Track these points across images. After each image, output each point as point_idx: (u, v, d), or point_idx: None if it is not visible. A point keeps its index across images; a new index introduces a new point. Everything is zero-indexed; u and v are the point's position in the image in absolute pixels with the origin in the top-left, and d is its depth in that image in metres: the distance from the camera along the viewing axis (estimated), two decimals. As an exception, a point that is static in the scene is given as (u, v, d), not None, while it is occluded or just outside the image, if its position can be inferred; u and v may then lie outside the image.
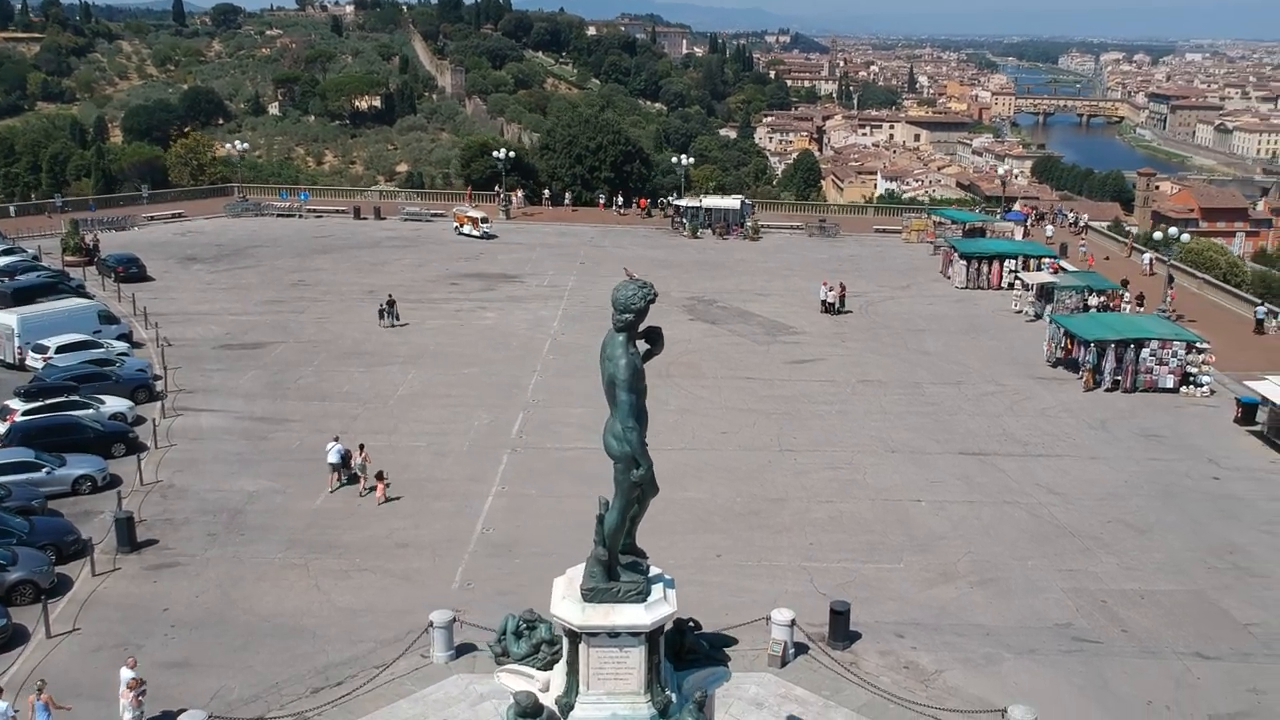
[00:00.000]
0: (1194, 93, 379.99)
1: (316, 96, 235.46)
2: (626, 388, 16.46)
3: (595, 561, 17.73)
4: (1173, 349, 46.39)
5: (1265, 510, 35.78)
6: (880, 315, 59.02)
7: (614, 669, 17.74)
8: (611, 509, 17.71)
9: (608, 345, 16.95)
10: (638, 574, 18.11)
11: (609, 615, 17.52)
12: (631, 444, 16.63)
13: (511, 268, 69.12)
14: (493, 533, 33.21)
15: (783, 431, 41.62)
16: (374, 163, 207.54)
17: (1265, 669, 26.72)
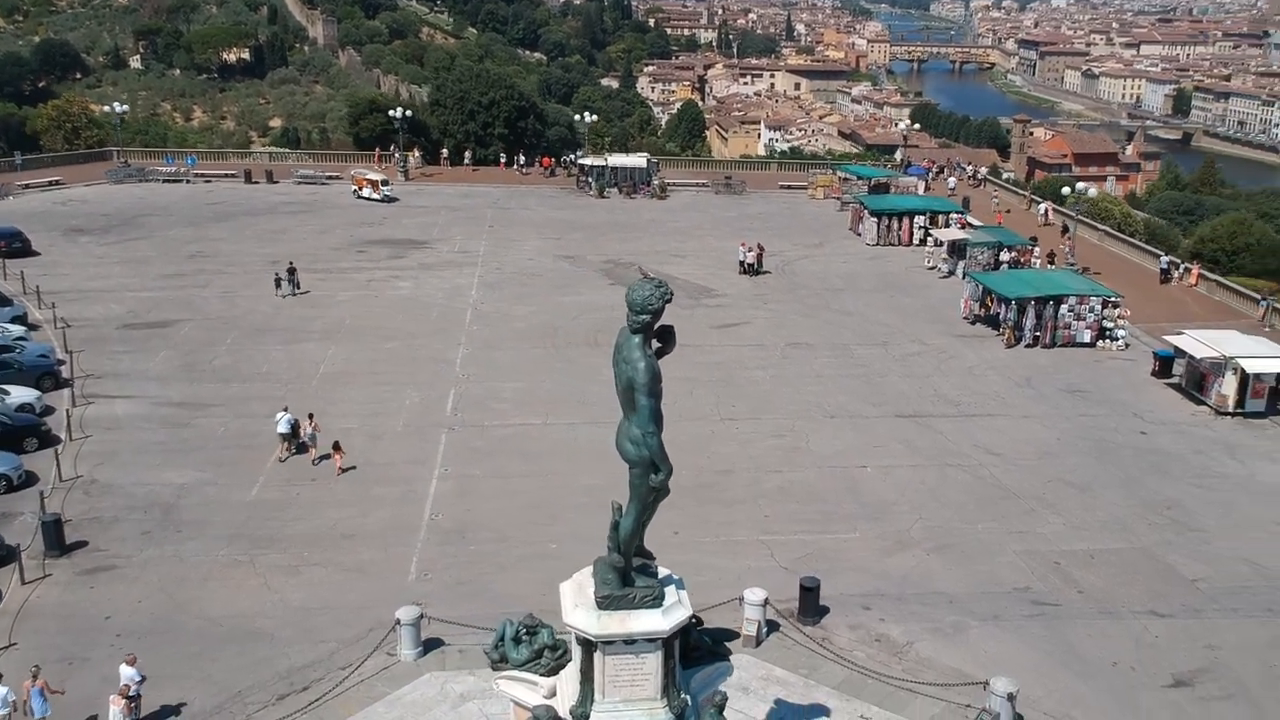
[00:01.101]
0: (1061, 39, 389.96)
1: (181, 49, 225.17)
2: (646, 392, 15.88)
3: (609, 568, 17.25)
4: (1089, 304, 47.57)
5: (1193, 463, 37.02)
6: (798, 275, 59.21)
7: (630, 676, 17.33)
8: (627, 514, 17.20)
9: (624, 348, 16.29)
10: (651, 578, 17.70)
11: (626, 623, 17.08)
12: (652, 449, 16.11)
13: (418, 233, 67.31)
14: (442, 518, 32.36)
15: (721, 400, 41.46)
16: (246, 118, 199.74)
17: (1217, 624, 27.67)
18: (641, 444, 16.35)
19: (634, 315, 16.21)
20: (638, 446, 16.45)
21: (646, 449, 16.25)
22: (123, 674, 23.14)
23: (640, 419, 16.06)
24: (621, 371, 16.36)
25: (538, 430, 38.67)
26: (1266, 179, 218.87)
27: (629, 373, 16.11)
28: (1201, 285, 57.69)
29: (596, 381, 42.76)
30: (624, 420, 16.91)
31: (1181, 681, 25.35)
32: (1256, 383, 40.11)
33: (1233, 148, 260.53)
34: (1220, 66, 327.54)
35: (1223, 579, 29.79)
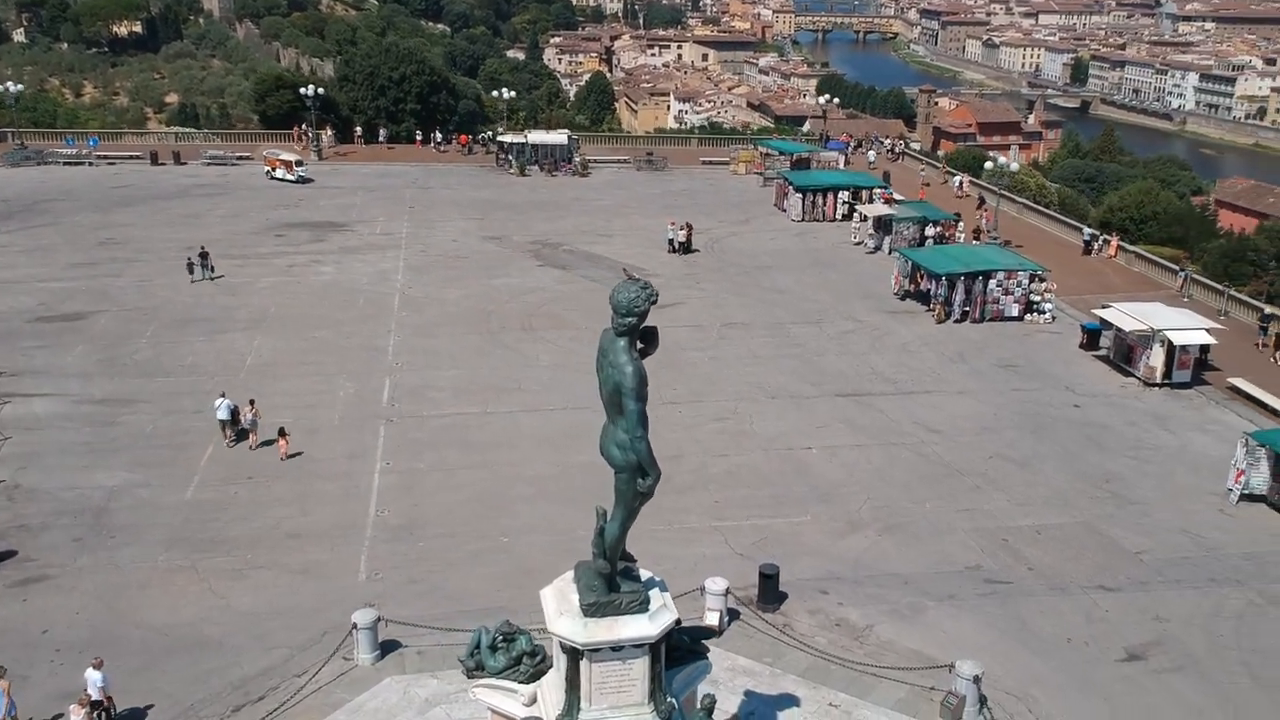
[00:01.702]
0: (962, 8, 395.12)
1: (68, 22, 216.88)
2: (634, 396, 15.53)
3: (595, 574, 16.89)
4: (1017, 279, 48.33)
5: (1126, 436, 37.85)
6: (727, 253, 59.14)
7: (617, 682, 17.04)
8: (613, 520, 16.84)
9: (609, 351, 15.89)
10: (636, 582, 17.39)
11: (613, 629, 16.76)
12: (640, 454, 15.78)
13: (337, 215, 65.70)
14: (388, 514, 31.62)
15: (662, 382, 41.02)
16: (141, 94, 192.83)
17: (1163, 596, 28.32)
18: (629, 449, 16.01)
19: (620, 318, 15.79)
20: (624, 451, 16.11)
21: (634, 453, 15.92)
22: (89, 679, 22.35)
23: (628, 423, 15.71)
24: (608, 376, 15.97)
25: (478, 420, 38.03)
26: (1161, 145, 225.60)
27: (615, 377, 15.73)
28: (1120, 257, 59.03)
29: (535, 367, 42.40)
30: (608, 424, 16.55)
31: (1134, 655, 25.90)
32: (1183, 354, 41.14)
33: (1128, 115, 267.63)
34: (1115, 36, 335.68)
35: (1164, 550, 30.52)
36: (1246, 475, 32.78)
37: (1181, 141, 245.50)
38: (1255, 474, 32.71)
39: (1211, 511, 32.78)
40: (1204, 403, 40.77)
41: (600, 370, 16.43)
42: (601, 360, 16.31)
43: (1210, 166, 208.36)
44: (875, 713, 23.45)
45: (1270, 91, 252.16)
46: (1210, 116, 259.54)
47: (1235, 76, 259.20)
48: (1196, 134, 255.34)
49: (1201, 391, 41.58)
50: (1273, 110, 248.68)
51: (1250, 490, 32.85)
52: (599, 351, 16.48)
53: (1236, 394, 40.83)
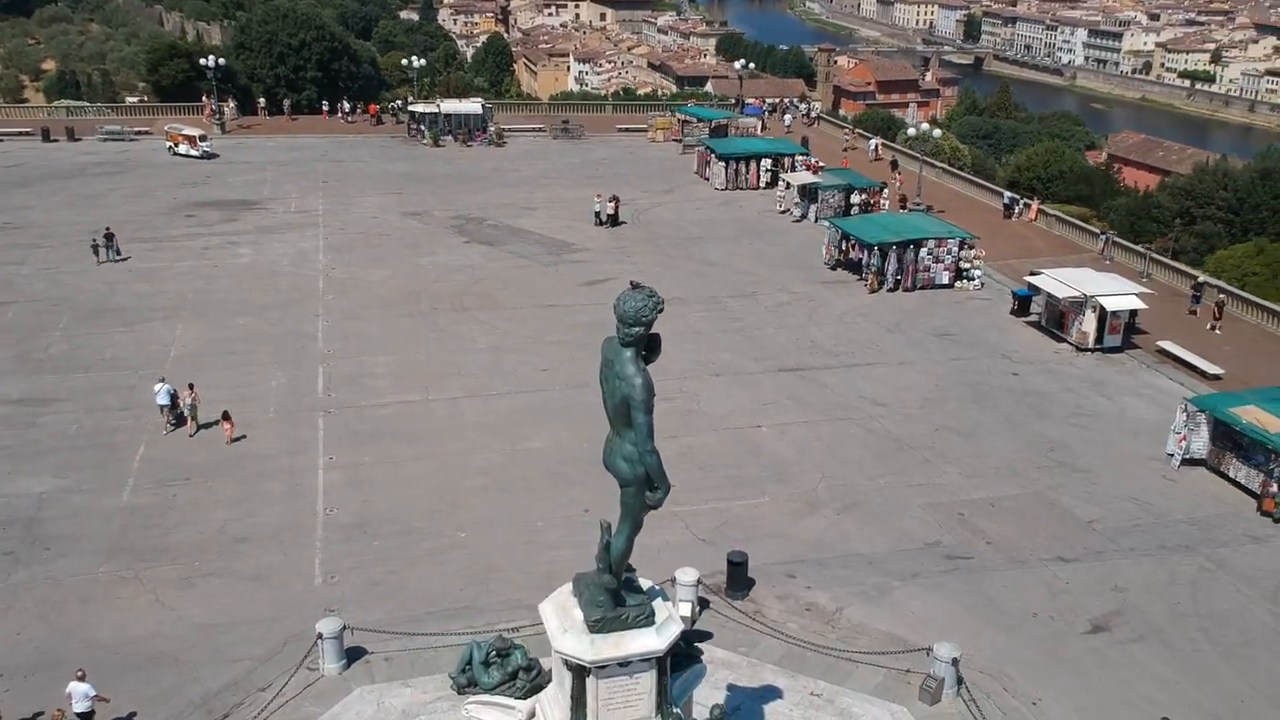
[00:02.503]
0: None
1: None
2: (644, 409, 15.04)
3: (601, 590, 16.39)
4: (947, 246, 48.74)
5: (1065, 402, 38.49)
6: (654, 224, 58.58)
7: (624, 697, 16.64)
8: (619, 533, 16.35)
9: (616, 362, 15.34)
10: (640, 594, 16.95)
11: (621, 645, 16.32)
12: (651, 467, 15.31)
13: (248, 192, 63.40)
14: (338, 513, 30.62)
15: (603, 363, 40.58)
16: (15, 60, 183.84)
17: (1118, 566, 28.87)
18: (639, 462, 15.51)
19: (626, 328, 15.23)
20: (633, 465, 15.61)
21: (645, 467, 15.44)
22: (75, 692, 21.41)
23: (639, 436, 15.20)
24: (615, 388, 15.42)
25: (420, 408, 37.06)
26: (1053, 101, 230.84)
27: (624, 389, 15.19)
28: (1041, 220, 59.96)
29: (472, 350, 41.51)
30: (613, 436, 16.02)
31: (1099, 627, 26.36)
32: (1113, 319, 41.93)
33: (1021, 71, 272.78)
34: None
35: (1115, 519, 31.11)
36: (1188, 440, 33.54)
37: (1072, 96, 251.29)
38: (1196, 439, 33.50)
39: (1155, 477, 33.52)
40: (1135, 367, 41.67)
41: (605, 381, 15.88)
42: (607, 371, 15.75)
43: (1101, 121, 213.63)
44: (856, 699, 23.46)
45: (1155, 46, 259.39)
46: (1099, 71, 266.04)
47: (1122, 32, 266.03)
48: (1086, 89, 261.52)
49: (1132, 355, 42.49)
50: (1158, 65, 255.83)
51: (1191, 455, 33.64)
52: (603, 362, 15.93)
53: (1165, 357, 41.79)
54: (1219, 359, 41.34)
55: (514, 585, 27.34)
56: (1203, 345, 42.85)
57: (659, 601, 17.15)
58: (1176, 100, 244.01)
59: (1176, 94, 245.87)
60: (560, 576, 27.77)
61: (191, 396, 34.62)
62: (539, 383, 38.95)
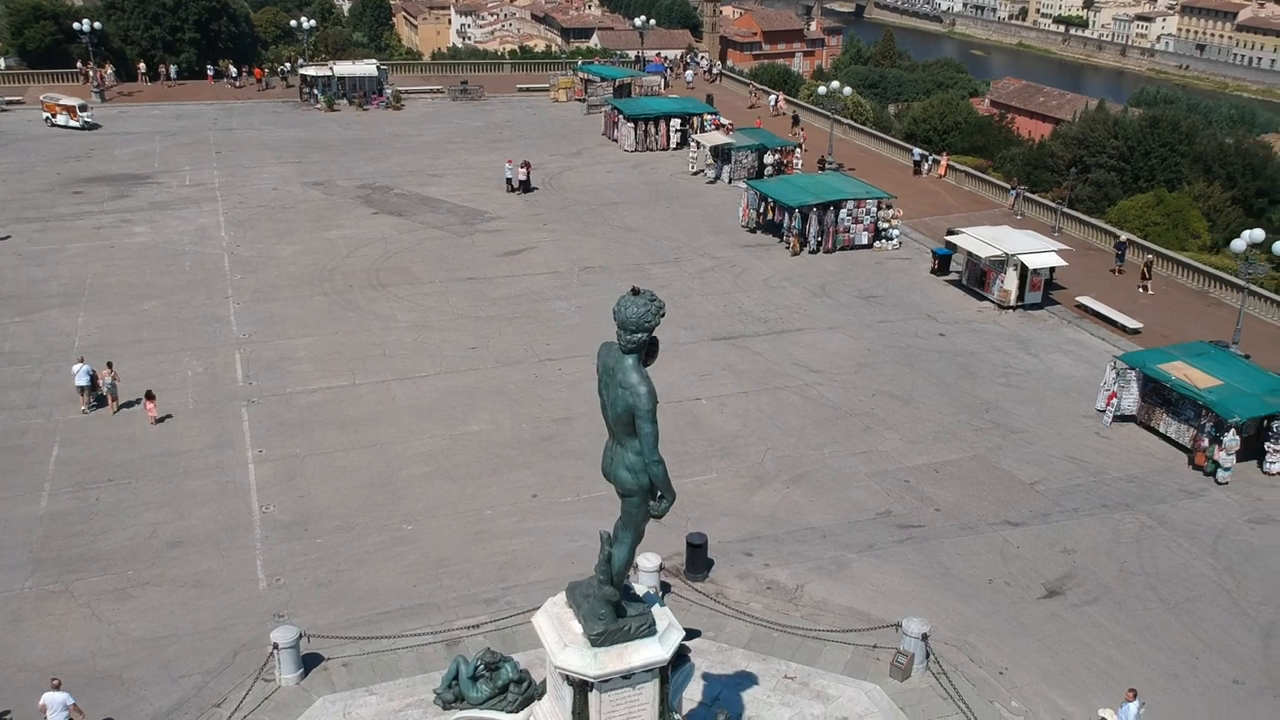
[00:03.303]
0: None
1: None
2: (649, 419, 14.47)
3: (602, 602, 15.83)
4: (866, 207, 48.86)
5: (994, 362, 38.98)
6: (567, 189, 57.55)
7: (627, 709, 16.23)
8: (620, 543, 15.80)
9: (618, 371, 14.72)
10: (639, 602, 16.46)
11: (624, 657, 15.87)
12: (657, 477, 14.78)
13: (137, 165, 60.39)
14: (274, 510, 29.38)
15: (533, 339, 39.83)
16: None
17: (1064, 527, 29.34)
18: (642, 472, 14.95)
19: (628, 335, 14.61)
20: (636, 475, 15.04)
21: (650, 477, 14.90)
22: (50, 703, 20.48)
23: (644, 446, 14.63)
24: (618, 397, 14.80)
25: (347, 393, 35.81)
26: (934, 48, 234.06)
27: (628, 399, 14.58)
28: (950, 175, 60.57)
29: (395, 329, 40.28)
30: (613, 445, 15.40)
31: (1053, 591, 26.77)
32: (1034, 276, 42.56)
33: (902, 18, 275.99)
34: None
35: (1056, 479, 31.63)
36: (1118, 397, 34.24)
37: (952, 43, 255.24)
38: (1126, 395, 34.22)
39: (1089, 435, 34.18)
40: (1057, 323, 42.41)
41: (605, 389, 15.25)
42: (608, 379, 15.12)
43: (981, 68, 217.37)
44: (830, 680, 23.40)
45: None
46: (977, 18, 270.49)
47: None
48: (965, 35, 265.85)
49: (1053, 311, 43.24)
50: (1033, 10, 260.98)
51: (1121, 411, 34.37)
52: (603, 369, 15.28)
53: (1085, 312, 42.63)
54: (1137, 313, 42.34)
55: (468, 579, 26.65)
56: (1121, 300, 43.84)
57: (658, 609, 16.71)
58: (1053, 46, 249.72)
59: (1052, 39, 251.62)
60: (514, 567, 27.36)
61: (111, 375, 33.69)
62: (468, 361, 37.96)
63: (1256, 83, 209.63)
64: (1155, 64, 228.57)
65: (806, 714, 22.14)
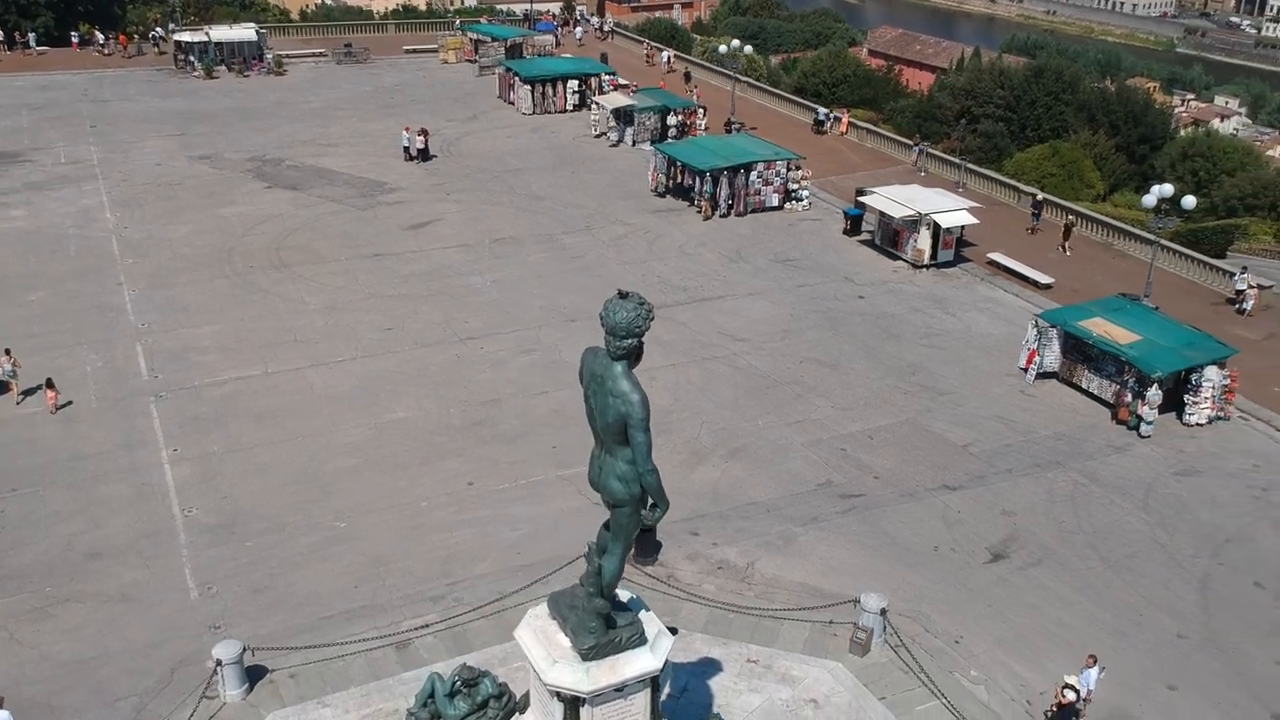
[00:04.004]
0: None
1: None
2: (643, 427, 13.91)
3: (592, 615, 15.30)
4: (775, 168, 48.62)
5: (914, 323, 39.23)
6: (467, 156, 56.00)
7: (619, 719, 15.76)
8: (611, 555, 15.26)
9: (607, 379, 14.08)
10: (627, 610, 15.97)
11: (617, 670, 15.43)
12: (651, 487, 14.27)
13: (5, 142, 56.57)
14: (197, 513, 27.96)
15: (450, 317, 38.69)
16: None
17: (1001, 489, 29.72)
18: (635, 481, 14.40)
19: (617, 340, 13.98)
20: (628, 484, 14.47)
21: (644, 487, 14.37)
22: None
23: (638, 455, 14.07)
24: (608, 406, 14.16)
25: (261, 383, 34.28)
26: None
27: (620, 408, 13.96)
28: (852, 133, 60.72)
29: (304, 312, 38.78)
30: (601, 454, 14.81)
31: (998, 555, 27.10)
32: (946, 235, 42.93)
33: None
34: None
35: (987, 440, 32.02)
36: (1040, 355, 34.76)
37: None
38: (1048, 353, 34.76)
39: (1014, 394, 34.67)
40: (971, 280, 42.91)
41: (593, 396, 14.60)
42: (596, 387, 14.46)
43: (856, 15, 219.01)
44: (793, 661, 23.27)
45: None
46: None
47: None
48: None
49: (965, 269, 43.73)
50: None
51: (1044, 369, 34.92)
52: (590, 377, 14.61)
53: (997, 268, 43.22)
54: (1046, 267, 43.08)
55: (411, 577, 25.79)
56: (1030, 255, 44.57)
57: (644, 614, 16.26)
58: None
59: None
60: (458, 561, 26.55)
61: (10, 361, 32.04)
62: (385, 344, 36.69)
63: (1120, 27, 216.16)
64: (1024, 9, 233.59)
65: (775, 699, 21.98)
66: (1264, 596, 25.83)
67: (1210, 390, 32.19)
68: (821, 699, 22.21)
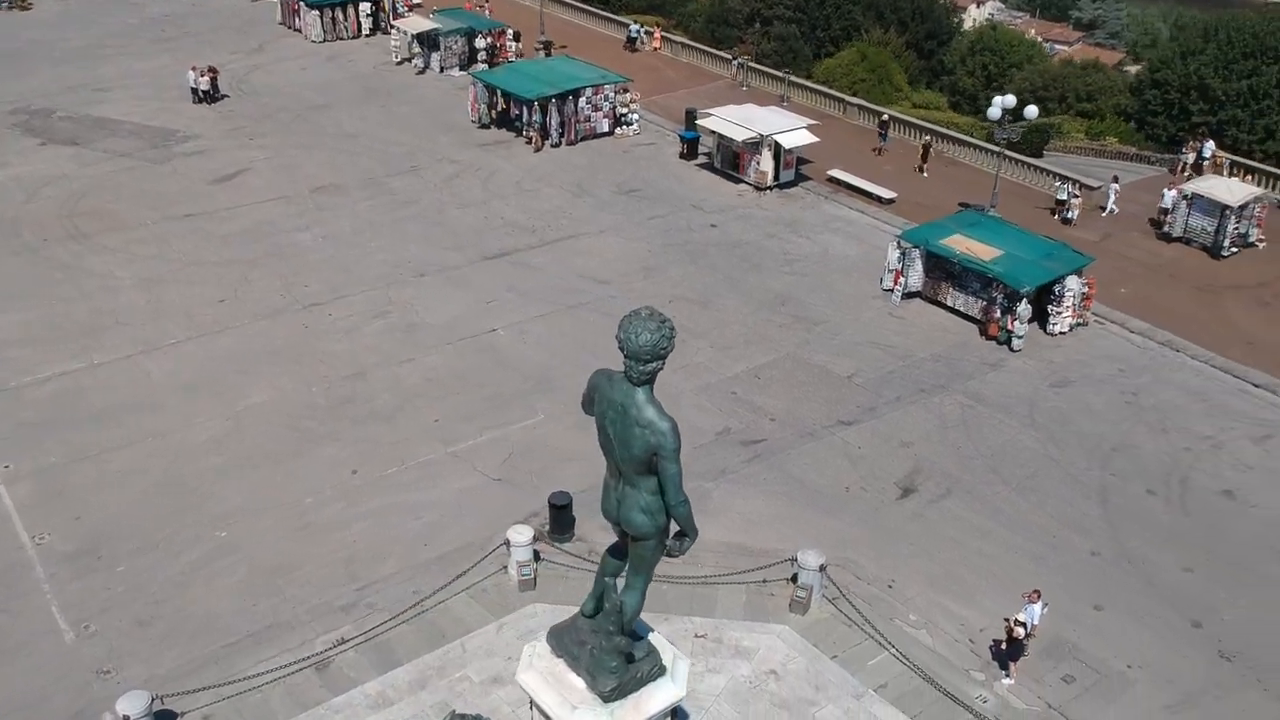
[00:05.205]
0: None
1: None
2: (674, 458, 12.67)
3: (611, 654, 14.07)
4: (604, 93, 46.86)
5: (772, 250, 38.77)
6: (262, 94, 51.54)
7: (642, 755, 14.70)
8: (632, 590, 14.07)
9: (630, 407, 12.71)
10: (641, 639, 14.81)
11: (640, 707, 14.36)
12: (684, 519, 13.10)
13: None
14: (52, 539, 24.84)
15: (288, 282, 35.67)
16: None
17: (894, 419, 29.83)
18: (660, 512, 13.24)
19: (640, 364, 12.58)
20: (653, 517, 13.24)
21: (676, 520, 13.14)
22: None
23: (670, 487, 12.84)
24: (633, 436, 12.77)
25: (90, 376, 30.70)
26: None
27: (649, 439, 12.62)
28: (666, 49, 59.24)
29: (120, 289, 35.09)
30: (620, 486, 13.50)
31: (907, 489, 27.23)
32: (787, 155, 42.48)
33: None
34: None
35: (870, 369, 32.04)
36: (905, 276, 34.97)
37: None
38: (912, 273, 34.99)
39: (884, 317, 34.82)
40: (815, 200, 42.71)
41: (611, 426, 13.20)
42: (615, 416, 13.05)
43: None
44: (740, 630, 22.71)
45: None
46: None
47: None
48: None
49: (807, 188, 43.49)
50: None
51: (909, 289, 35.17)
52: (608, 405, 13.18)
53: (838, 185, 43.17)
54: (883, 180, 43.34)
55: (313, 586, 23.78)
56: (867, 168, 44.73)
57: (653, 637, 15.15)
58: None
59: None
60: (361, 562, 24.57)
61: None
62: (221, 319, 33.49)
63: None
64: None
65: (738, 676, 21.40)
66: (1157, 503, 26.95)
67: (1071, 299, 33.15)
68: (779, 668, 21.78)
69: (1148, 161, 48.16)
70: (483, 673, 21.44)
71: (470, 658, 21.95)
